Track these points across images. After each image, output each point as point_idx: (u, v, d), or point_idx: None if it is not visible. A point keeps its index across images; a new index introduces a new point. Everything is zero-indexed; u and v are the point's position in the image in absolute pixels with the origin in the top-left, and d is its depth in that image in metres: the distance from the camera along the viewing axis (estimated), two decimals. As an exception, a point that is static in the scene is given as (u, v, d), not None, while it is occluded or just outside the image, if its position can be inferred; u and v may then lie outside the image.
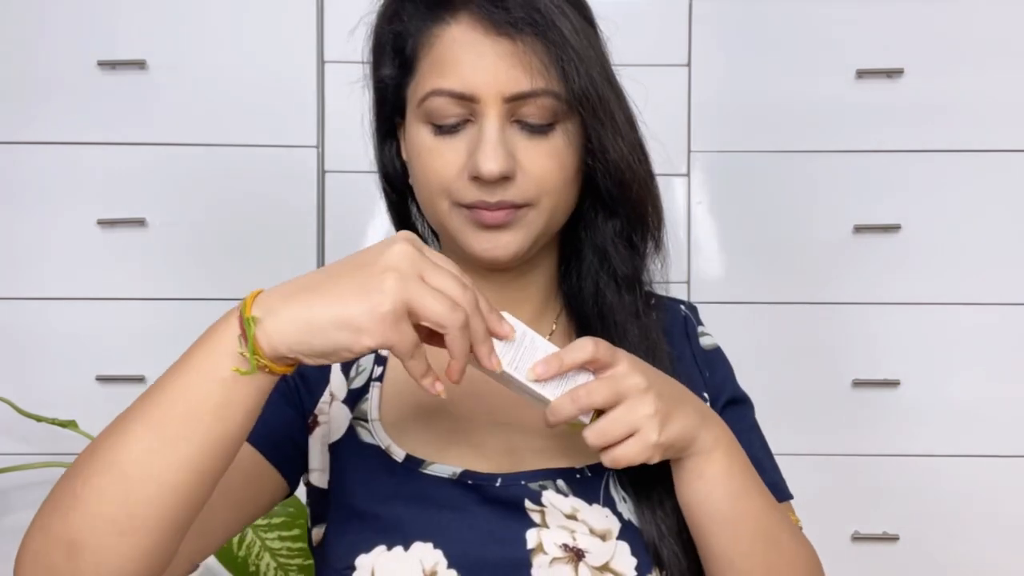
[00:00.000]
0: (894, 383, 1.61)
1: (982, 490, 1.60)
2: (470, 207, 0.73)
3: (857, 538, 1.61)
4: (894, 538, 1.60)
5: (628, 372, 0.66)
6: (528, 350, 0.65)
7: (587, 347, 0.65)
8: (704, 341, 0.87)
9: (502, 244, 0.74)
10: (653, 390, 0.66)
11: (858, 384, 1.61)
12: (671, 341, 0.83)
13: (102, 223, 1.58)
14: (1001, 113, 1.60)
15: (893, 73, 1.60)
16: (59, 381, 1.58)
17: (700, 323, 0.89)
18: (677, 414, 0.67)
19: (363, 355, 0.59)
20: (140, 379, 1.58)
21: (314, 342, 0.58)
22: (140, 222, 1.59)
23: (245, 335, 0.58)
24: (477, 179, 0.71)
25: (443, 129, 0.73)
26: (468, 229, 0.74)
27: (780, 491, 0.83)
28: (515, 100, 0.71)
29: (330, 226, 1.61)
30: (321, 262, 1.61)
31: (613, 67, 0.77)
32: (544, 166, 0.73)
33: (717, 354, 0.87)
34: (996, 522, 1.60)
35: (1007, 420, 1.60)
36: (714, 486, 0.69)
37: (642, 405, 0.65)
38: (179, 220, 1.59)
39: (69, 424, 1.46)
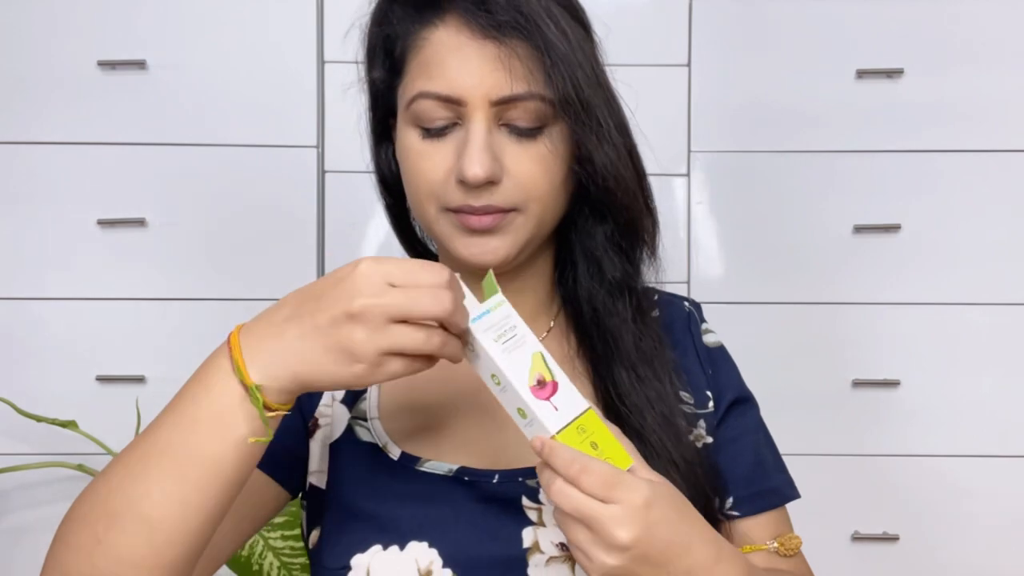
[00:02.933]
0: (894, 383, 1.60)
1: (982, 490, 1.60)
2: (456, 211, 0.72)
3: (857, 538, 1.61)
4: (894, 538, 1.60)
5: (620, 520, 0.58)
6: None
7: (598, 476, 0.59)
8: (708, 339, 0.86)
9: (490, 249, 0.73)
10: (628, 553, 0.58)
11: (858, 384, 1.61)
12: (673, 337, 0.83)
13: (102, 223, 1.58)
14: (1001, 113, 1.60)
15: (893, 73, 1.60)
16: (59, 381, 1.58)
17: (704, 320, 0.88)
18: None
19: None
20: (140, 379, 1.58)
21: (317, 389, 0.62)
22: (140, 222, 1.59)
23: (253, 400, 0.60)
24: (463, 183, 0.71)
25: (431, 132, 0.73)
26: (456, 234, 0.74)
27: (780, 495, 0.82)
28: (501, 104, 0.71)
29: (330, 226, 1.61)
30: (321, 262, 1.61)
31: (610, 68, 0.77)
32: (530, 171, 0.72)
33: (721, 352, 0.87)
34: (996, 522, 1.60)
35: (1007, 420, 1.60)
36: None
37: (603, 554, 0.59)
38: (179, 220, 1.59)
39: (69, 424, 1.46)
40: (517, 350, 0.62)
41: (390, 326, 0.58)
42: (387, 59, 0.77)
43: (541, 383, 0.62)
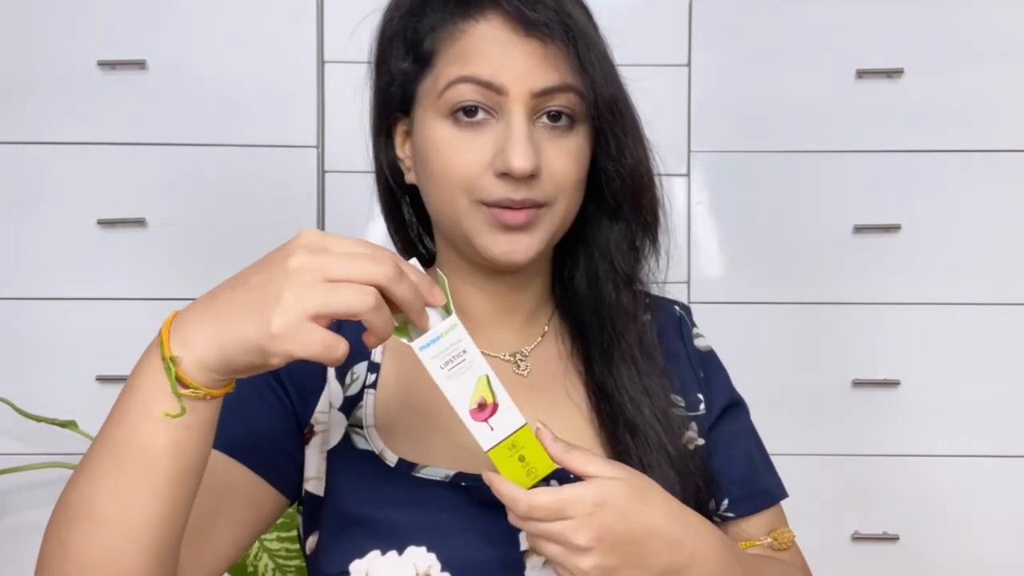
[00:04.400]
0: (894, 383, 1.60)
1: (982, 490, 1.60)
2: (493, 205, 0.72)
3: (857, 538, 1.61)
4: (894, 538, 1.60)
5: (576, 529, 0.62)
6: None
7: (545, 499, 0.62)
8: (698, 343, 0.88)
9: (521, 247, 0.73)
10: (595, 551, 0.62)
11: (858, 384, 1.61)
12: (665, 340, 0.84)
13: (102, 223, 1.58)
14: (1001, 113, 1.60)
15: (893, 73, 1.60)
16: (59, 381, 1.58)
17: (694, 324, 0.90)
18: (624, 571, 0.64)
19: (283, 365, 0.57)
20: (140, 379, 1.58)
21: (233, 365, 0.56)
22: (140, 222, 1.59)
23: (167, 371, 0.56)
24: (504, 176, 0.71)
25: (464, 123, 0.72)
26: (487, 230, 0.73)
27: (771, 495, 0.84)
28: (542, 95, 0.71)
29: (330, 226, 1.61)
30: (321, 262, 1.61)
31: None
32: (564, 165, 0.73)
33: (711, 356, 0.88)
34: (996, 522, 1.60)
35: (1007, 420, 1.60)
36: None
37: (575, 559, 0.62)
38: (179, 220, 1.59)
39: (69, 424, 1.46)
40: (464, 375, 0.63)
41: (322, 284, 0.55)
42: (411, 52, 0.76)
43: (482, 406, 0.64)
